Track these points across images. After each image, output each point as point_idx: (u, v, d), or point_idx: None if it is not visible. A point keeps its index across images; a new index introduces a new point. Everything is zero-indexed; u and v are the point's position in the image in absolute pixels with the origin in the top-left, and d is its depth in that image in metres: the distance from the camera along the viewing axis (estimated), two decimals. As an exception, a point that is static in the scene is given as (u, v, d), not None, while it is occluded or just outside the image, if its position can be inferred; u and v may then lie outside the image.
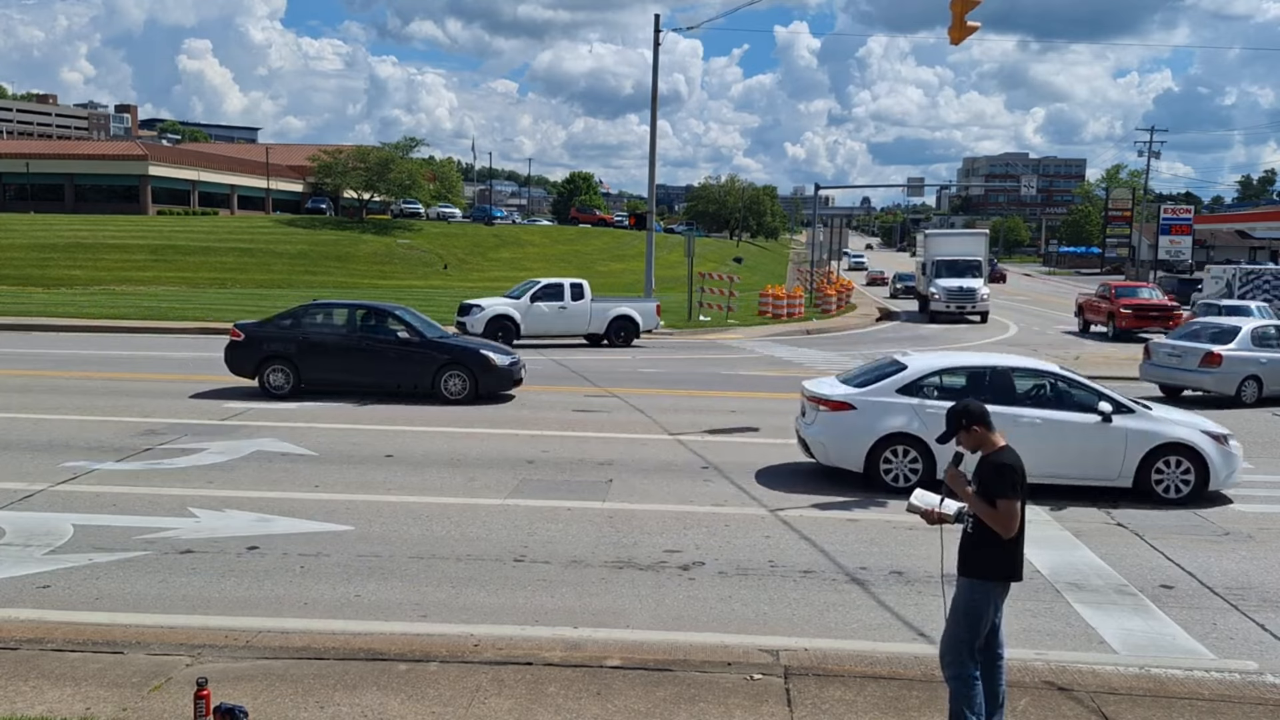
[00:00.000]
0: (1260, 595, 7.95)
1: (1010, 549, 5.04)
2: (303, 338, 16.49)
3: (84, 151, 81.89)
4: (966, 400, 5.30)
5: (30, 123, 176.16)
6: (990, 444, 5.12)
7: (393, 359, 16.50)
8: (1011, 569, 5.08)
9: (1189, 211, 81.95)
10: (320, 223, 72.53)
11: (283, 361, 16.34)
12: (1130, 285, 37.46)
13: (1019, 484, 4.98)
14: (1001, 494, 4.95)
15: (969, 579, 5.13)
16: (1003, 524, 4.96)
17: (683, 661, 6.41)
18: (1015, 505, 4.94)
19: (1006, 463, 5.01)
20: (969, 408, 5.18)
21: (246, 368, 16.61)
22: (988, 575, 5.07)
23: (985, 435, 5.13)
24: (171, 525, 9.11)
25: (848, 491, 10.93)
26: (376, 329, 16.87)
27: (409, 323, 16.94)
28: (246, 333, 16.73)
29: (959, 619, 5.15)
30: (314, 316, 17.15)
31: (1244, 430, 15.59)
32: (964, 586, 5.16)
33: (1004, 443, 5.14)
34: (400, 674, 6.11)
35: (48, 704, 5.63)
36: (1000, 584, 5.11)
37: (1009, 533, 4.97)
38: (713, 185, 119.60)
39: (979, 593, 5.09)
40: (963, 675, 5.11)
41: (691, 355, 25.39)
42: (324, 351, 16.47)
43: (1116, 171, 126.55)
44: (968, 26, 18.15)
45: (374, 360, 16.48)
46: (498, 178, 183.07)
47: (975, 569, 5.11)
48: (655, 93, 32.69)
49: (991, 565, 5.07)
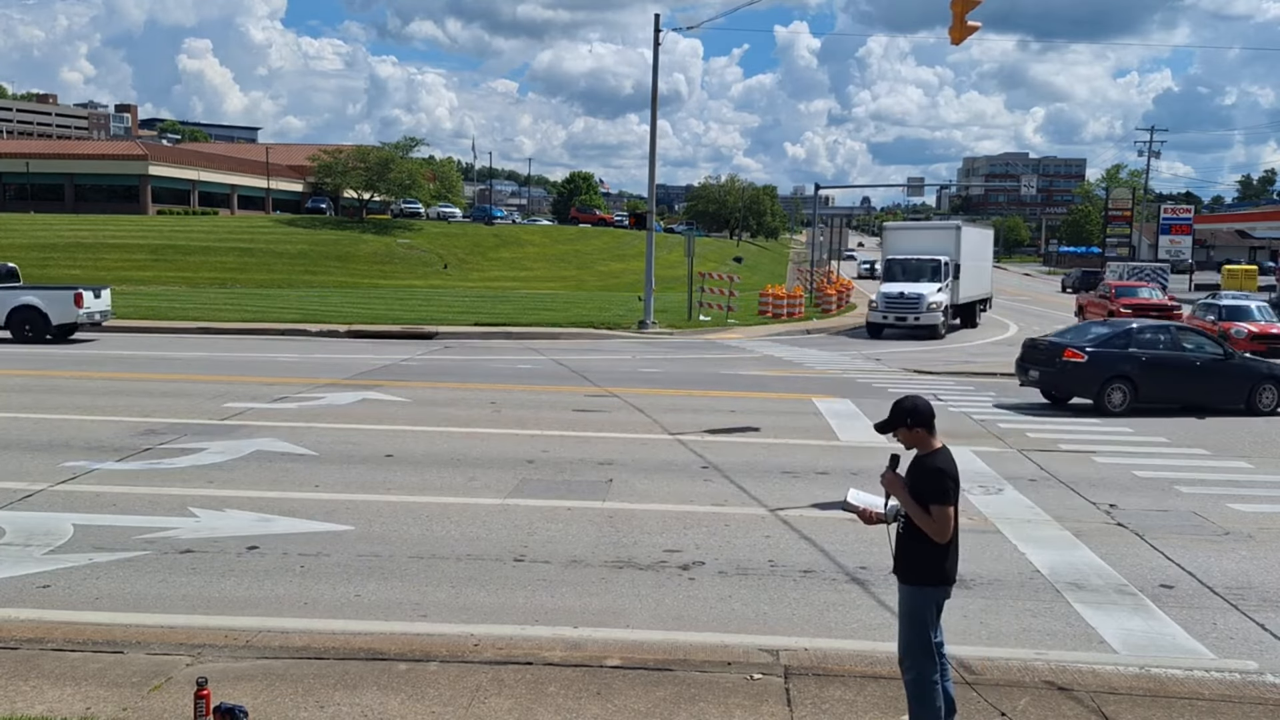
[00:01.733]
0: (1260, 595, 7.95)
1: (944, 552, 4.97)
2: (1143, 358, 16.92)
3: (84, 151, 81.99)
4: (915, 398, 5.09)
5: (30, 123, 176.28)
6: (927, 445, 4.99)
7: (1212, 376, 17.25)
8: (944, 573, 5.02)
9: (1189, 211, 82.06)
10: (320, 222, 72.53)
11: (1123, 381, 16.73)
12: (1130, 285, 37.45)
13: (953, 489, 4.88)
14: (935, 499, 4.85)
15: (909, 585, 5.08)
16: (936, 530, 4.87)
17: (683, 661, 6.41)
18: (949, 511, 4.86)
19: (940, 467, 4.90)
20: (918, 407, 4.99)
21: (1088, 388, 16.91)
22: (923, 580, 5.03)
23: (925, 437, 4.98)
24: (171, 525, 9.12)
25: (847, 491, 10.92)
26: (1196, 348, 17.58)
27: (1214, 342, 18.08)
28: (1089, 354, 16.87)
29: (905, 623, 5.14)
30: (1142, 336, 17.49)
31: (1244, 430, 15.61)
32: (903, 592, 5.13)
33: (940, 445, 5.01)
34: (400, 674, 6.11)
35: (48, 704, 5.63)
36: (938, 588, 5.06)
37: (943, 538, 4.89)
38: (713, 185, 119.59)
39: (918, 598, 5.06)
40: (921, 678, 5.09)
41: (691, 355, 25.40)
42: (1157, 370, 16.94)
43: (1116, 171, 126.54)
44: (968, 26, 18.16)
45: (1198, 378, 17.18)
46: (498, 177, 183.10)
47: (910, 574, 5.05)
48: (655, 92, 32.70)
49: (925, 569, 5.00)
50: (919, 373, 22.49)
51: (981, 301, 37.49)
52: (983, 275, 37.17)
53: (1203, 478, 12.00)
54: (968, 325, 35.16)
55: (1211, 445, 14.18)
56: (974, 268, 34.77)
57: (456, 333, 29.22)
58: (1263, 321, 26.73)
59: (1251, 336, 25.90)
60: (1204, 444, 14.26)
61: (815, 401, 17.31)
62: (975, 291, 35.56)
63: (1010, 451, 13.33)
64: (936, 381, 20.86)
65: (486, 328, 30.19)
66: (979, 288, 36.37)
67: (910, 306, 30.95)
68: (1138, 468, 12.44)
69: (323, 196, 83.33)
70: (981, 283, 36.94)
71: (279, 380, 18.54)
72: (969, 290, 34.22)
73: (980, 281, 36.62)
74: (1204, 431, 15.32)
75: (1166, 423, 15.95)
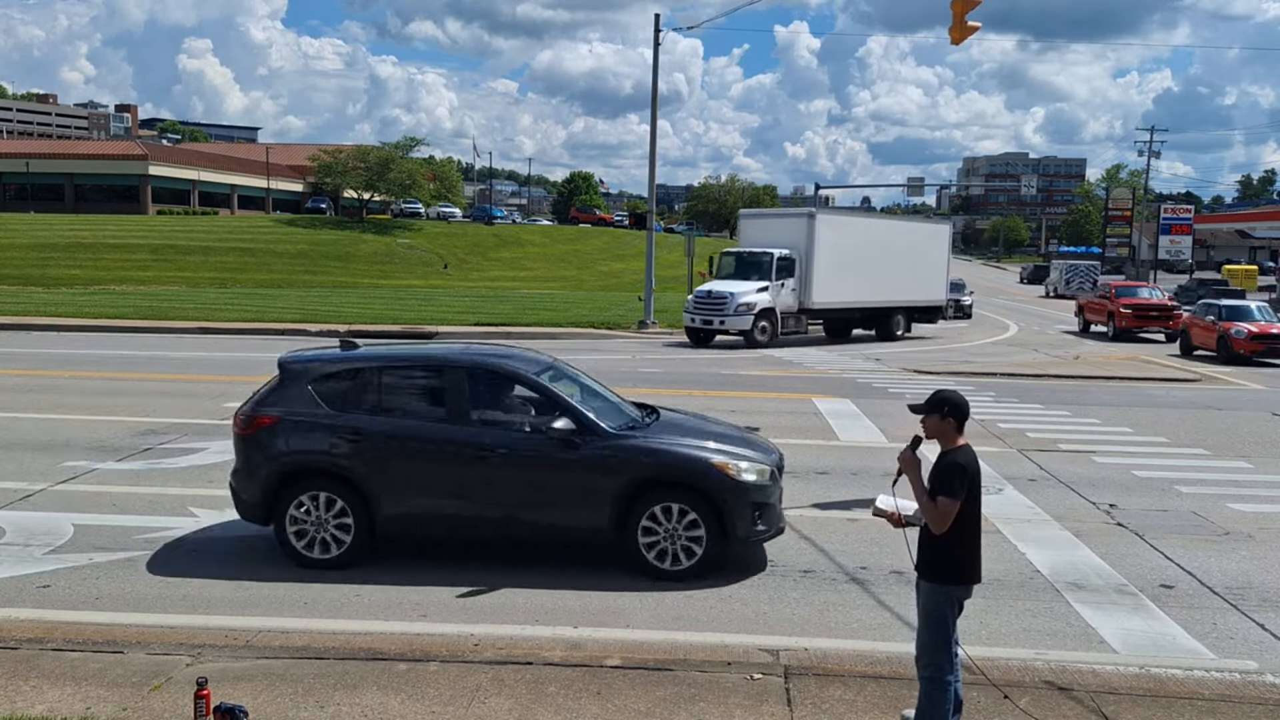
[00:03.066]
0: (1260, 595, 7.95)
1: (960, 550, 5.05)
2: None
3: (84, 151, 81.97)
4: (956, 392, 5.25)
5: (30, 122, 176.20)
6: (951, 440, 5.12)
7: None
8: (961, 571, 5.09)
9: (1189, 211, 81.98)
10: (320, 222, 72.55)
11: None
12: (1130, 285, 37.46)
13: (963, 485, 4.97)
14: (943, 491, 4.98)
15: (927, 582, 5.17)
16: (935, 519, 5.00)
17: (683, 661, 6.41)
18: (953, 505, 4.95)
19: (958, 462, 5.02)
20: (955, 400, 5.15)
21: None
22: (943, 578, 5.10)
23: (952, 431, 5.13)
24: (172, 525, 9.12)
25: (848, 491, 10.94)
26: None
27: None
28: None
29: (923, 621, 5.20)
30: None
31: (1244, 430, 15.61)
32: (923, 589, 5.20)
33: (963, 443, 5.13)
34: (400, 673, 6.12)
35: (48, 703, 5.63)
36: (957, 586, 5.11)
37: (939, 529, 5.00)
38: (713, 185, 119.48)
39: (939, 595, 5.12)
40: (936, 677, 5.13)
41: (691, 355, 25.39)
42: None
43: (1116, 171, 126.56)
44: (968, 26, 18.16)
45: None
46: (498, 177, 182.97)
47: (929, 571, 5.14)
48: (655, 92, 32.69)
49: (940, 566, 5.09)
50: (919, 372, 22.49)
51: (927, 310, 32.19)
52: (920, 275, 30.91)
53: (1203, 478, 11.99)
54: (885, 338, 30.64)
55: (1211, 445, 14.18)
56: (880, 265, 29.31)
57: (456, 333, 29.21)
58: (1263, 321, 26.61)
59: (1251, 336, 25.76)
60: (1204, 444, 14.25)
61: (815, 401, 17.31)
62: (890, 295, 30.26)
63: (1010, 451, 13.33)
64: (937, 381, 20.85)
65: (486, 328, 30.19)
66: (898, 290, 30.48)
67: (716, 308, 26.86)
68: (1138, 467, 12.43)
69: (323, 196, 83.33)
70: (912, 285, 30.85)
71: (279, 380, 18.51)
72: (862, 293, 29.16)
73: (906, 283, 30.50)
74: (1204, 431, 15.32)
75: (1167, 422, 15.95)
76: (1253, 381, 22.21)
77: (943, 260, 32.52)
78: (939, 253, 32.44)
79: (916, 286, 31.05)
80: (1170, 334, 31.69)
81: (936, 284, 32.01)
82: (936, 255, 32.17)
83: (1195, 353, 27.40)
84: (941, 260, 32.44)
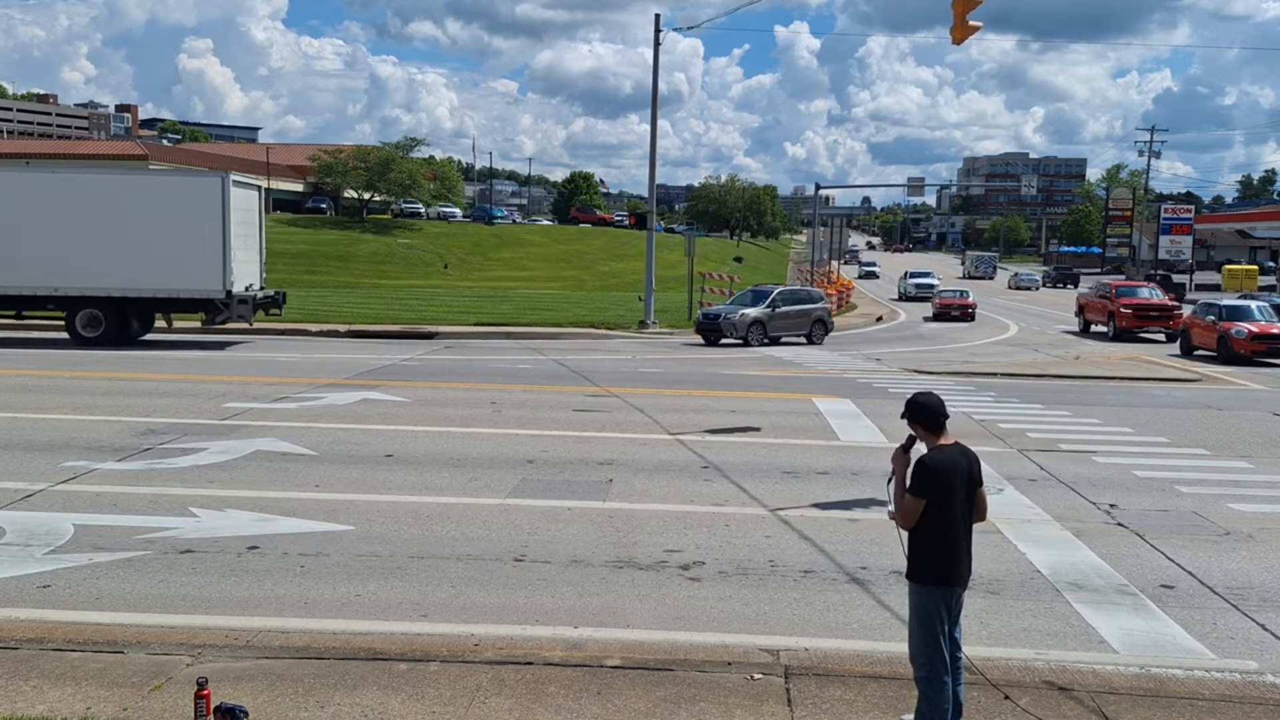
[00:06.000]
0: (1260, 595, 7.94)
1: (937, 550, 5.05)
2: None
3: (84, 151, 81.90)
4: (925, 395, 5.30)
5: (30, 123, 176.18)
6: (928, 440, 5.20)
7: None
8: (936, 571, 5.08)
9: (1189, 211, 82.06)
10: (321, 222, 72.57)
11: None
12: (1130, 285, 37.46)
13: (925, 484, 5.01)
14: (909, 489, 5.08)
15: (908, 580, 5.23)
16: (900, 514, 5.12)
17: (683, 661, 6.41)
18: (915, 503, 5.02)
19: (923, 461, 5.09)
20: (916, 402, 5.22)
21: None
22: (921, 578, 5.12)
23: (923, 432, 5.19)
24: (172, 525, 9.11)
25: (848, 491, 10.94)
26: None
27: None
28: None
29: (912, 621, 5.24)
30: None
31: (1244, 430, 15.61)
32: (910, 589, 5.25)
33: (946, 442, 5.17)
34: (400, 674, 6.11)
35: (48, 704, 5.63)
36: (937, 588, 5.10)
37: (902, 525, 5.12)
38: (713, 185, 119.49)
39: (920, 595, 5.15)
40: (931, 677, 5.14)
41: (692, 355, 25.39)
42: None
43: (1117, 171, 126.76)
44: (969, 26, 18.14)
45: None
46: (498, 177, 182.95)
47: (909, 569, 5.19)
48: (655, 92, 32.70)
49: (920, 565, 5.11)
50: (919, 372, 22.50)
51: (180, 303, 24.43)
52: (159, 253, 23.41)
53: (1203, 478, 11.98)
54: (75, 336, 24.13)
55: (1211, 445, 14.17)
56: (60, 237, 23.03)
57: (457, 333, 29.22)
58: (1263, 321, 26.57)
59: (1251, 336, 25.70)
60: (1204, 444, 14.25)
61: (815, 401, 17.31)
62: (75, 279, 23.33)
63: (1010, 451, 13.32)
64: (936, 381, 20.85)
65: (487, 328, 30.20)
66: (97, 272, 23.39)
67: None
68: (1138, 468, 12.43)
69: (323, 196, 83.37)
70: (138, 266, 23.40)
71: (279, 380, 18.54)
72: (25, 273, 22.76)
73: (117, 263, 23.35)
74: (1204, 431, 15.31)
75: (1167, 422, 15.95)
76: (1253, 381, 22.21)
77: (213, 233, 23.35)
78: (205, 223, 23.30)
79: (149, 268, 23.43)
80: (1170, 334, 31.71)
81: (200, 264, 23.32)
82: (199, 225, 23.34)
83: (1195, 353, 27.40)
84: (210, 233, 23.34)
